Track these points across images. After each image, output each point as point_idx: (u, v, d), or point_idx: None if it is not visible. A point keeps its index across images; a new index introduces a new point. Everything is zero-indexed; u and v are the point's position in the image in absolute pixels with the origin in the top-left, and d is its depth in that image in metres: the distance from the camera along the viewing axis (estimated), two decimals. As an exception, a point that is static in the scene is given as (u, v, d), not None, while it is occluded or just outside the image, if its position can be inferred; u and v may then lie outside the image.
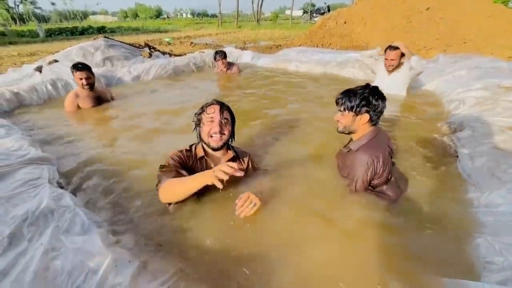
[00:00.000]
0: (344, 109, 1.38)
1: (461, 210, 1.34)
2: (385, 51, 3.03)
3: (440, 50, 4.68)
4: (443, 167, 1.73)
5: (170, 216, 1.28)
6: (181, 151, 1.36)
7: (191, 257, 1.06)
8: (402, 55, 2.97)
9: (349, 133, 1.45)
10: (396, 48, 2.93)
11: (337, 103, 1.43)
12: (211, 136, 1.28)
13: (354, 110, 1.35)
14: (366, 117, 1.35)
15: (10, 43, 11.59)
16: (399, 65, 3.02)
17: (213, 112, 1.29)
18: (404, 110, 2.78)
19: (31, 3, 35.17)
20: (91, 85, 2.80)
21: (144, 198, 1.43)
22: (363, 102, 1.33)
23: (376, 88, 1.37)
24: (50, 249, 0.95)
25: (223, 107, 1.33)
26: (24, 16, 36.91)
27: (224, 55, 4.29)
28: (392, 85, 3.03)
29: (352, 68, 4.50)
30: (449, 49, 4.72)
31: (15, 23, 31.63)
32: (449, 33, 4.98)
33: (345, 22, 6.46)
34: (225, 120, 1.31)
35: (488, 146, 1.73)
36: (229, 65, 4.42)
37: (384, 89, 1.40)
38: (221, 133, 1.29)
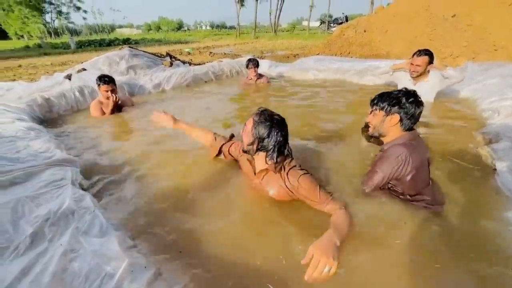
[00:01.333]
0: (376, 108, 1.36)
1: (503, 230, 1.20)
2: (413, 56, 2.90)
3: (468, 58, 4.45)
4: (480, 180, 1.59)
5: (192, 223, 1.26)
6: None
7: (211, 269, 1.02)
8: (430, 63, 2.82)
9: (379, 136, 1.40)
10: (425, 54, 2.78)
11: (371, 104, 1.41)
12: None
13: (384, 109, 1.32)
14: (396, 118, 1.30)
15: (45, 54, 12.54)
16: (425, 73, 2.88)
17: (245, 125, 1.36)
18: (434, 117, 2.63)
19: (65, 18, 38.10)
20: (116, 97, 2.96)
21: (164, 203, 1.42)
22: (394, 101, 1.30)
23: (412, 92, 1.33)
24: (69, 250, 0.95)
25: (252, 116, 1.32)
26: (58, 30, 40.02)
27: (256, 63, 4.12)
28: (419, 93, 2.90)
29: (372, 76, 4.38)
30: (478, 56, 4.47)
31: (51, 36, 34.34)
32: (477, 40, 4.73)
33: (364, 31, 6.36)
34: (244, 128, 1.35)
35: (531, 158, 1.57)
36: (259, 76, 4.25)
37: None
38: (242, 139, 1.36)
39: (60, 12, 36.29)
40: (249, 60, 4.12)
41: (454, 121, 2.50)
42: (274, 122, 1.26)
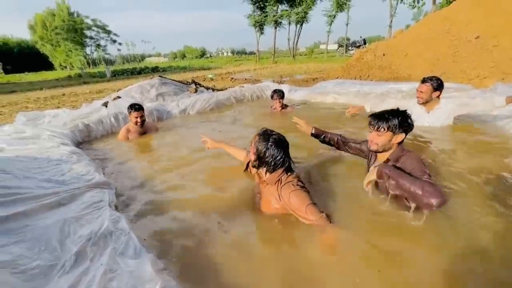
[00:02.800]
0: (383, 129, 1.49)
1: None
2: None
3: (497, 79, 4.28)
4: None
5: (219, 247, 1.30)
6: None
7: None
8: (435, 90, 2.75)
9: (382, 151, 1.56)
10: (429, 81, 2.74)
11: (371, 125, 1.54)
12: None
13: (392, 130, 1.48)
14: (402, 136, 1.51)
15: (84, 82, 13.93)
16: (434, 100, 2.81)
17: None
18: (458, 141, 2.53)
19: (103, 50, 42.43)
20: (143, 122, 3.26)
21: (191, 224, 1.48)
22: (402, 123, 1.48)
23: (405, 111, 1.54)
24: (108, 270, 1.03)
25: (254, 137, 1.51)
26: (96, 61, 44.49)
27: (282, 95, 4.04)
28: (435, 121, 2.84)
29: (393, 100, 4.33)
30: (508, 77, 4.29)
31: (89, 66, 38.20)
32: (506, 60, 4.57)
33: (384, 55, 6.41)
34: (251, 150, 1.51)
35: None
36: (284, 106, 4.13)
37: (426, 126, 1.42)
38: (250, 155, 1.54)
39: (99, 45, 40.59)
40: (275, 91, 4.09)
41: (482, 145, 2.39)
42: (271, 141, 1.42)
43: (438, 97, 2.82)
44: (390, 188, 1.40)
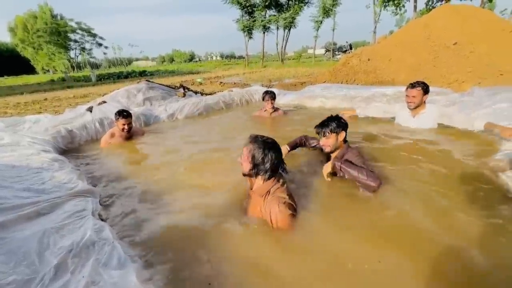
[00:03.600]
0: (328, 133, 1.90)
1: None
2: (407, 89, 2.98)
3: (473, 83, 4.50)
4: (498, 210, 1.54)
5: (207, 255, 1.28)
6: None
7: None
8: (425, 93, 2.88)
9: (335, 150, 1.96)
10: (419, 85, 2.85)
11: (319, 134, 1.95)
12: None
13: (334, 131, 1.90)
14: (343, 133, 1.94)
15: (68, 87, 13.50)
16: (421, 104, 2.93)
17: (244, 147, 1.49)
18: (442, 143, 2.62)
19: (88, 54, 41.40)
20: (130, 129, 3.18)
21: (178, 232, 1.45)
22: (338, 123, 1.91)
23: (338, 115, 1.99)
24: (90, 282, 0.99)
25: (247, 144, 1.47)
26: (81, 64, 43.34)
27: (273, 96, 4.00)
28: (420, 125, 2.96)
29: (378, 103, 4.46)
30: (484, 81, 4.53)
31: (73, 70, 37.14)
32: (482, 66, 4.82)
33: (368, 59, 6.61)
34: (244, 157, 1.46)
35: (549, 187, 1.53)
36: (275, 109, 4.08)
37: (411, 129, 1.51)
38: (241, 164, 1.49)
39: (83, 49, 39.59)
40: (266, 92, 4.06)
41: (462, 147, 2.48)
42: (267, 146, 1.42)
43: (424, 102, 2.94)
44: (346, 175, 1.78)
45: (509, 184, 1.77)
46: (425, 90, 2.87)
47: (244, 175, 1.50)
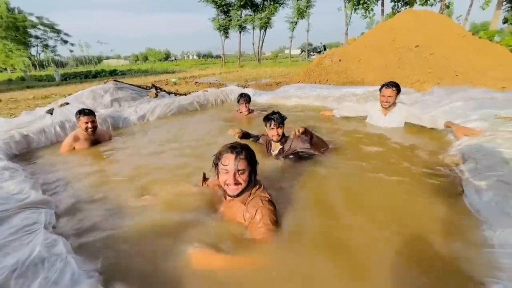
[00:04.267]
0: (281, 124, 2.29)
1: (474, 251, 1.25)
2: (381, 89, 3.13)
3: (433, 83, 4.86)
4: (450, 202, 1.67)
5: (173, 269, 1.21)
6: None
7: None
8: (399, 93, 3.06)
9: (283, 137, 2.34)
10: (393, 86, 3.02)
11: (276, 124, 2.26)
12: (227, 185, 1.33)
13: (283, 123, 2.30)
14: (283, 126, 2.32)
15: (28, 87, 12.42)
16: (393, 104, 3.10)
17: (227, 164, 1.30)
18: (404, 141, 2.78)
19: (52, 51, 38.44)
20: (94, 129, 2.96)
21: (141, 244, 1.37)
22: (284, 118, 2.31)
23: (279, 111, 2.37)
24: (35, 305, 0.90)
25: (239, 156, 1.30)
26: (44, 63, 40.12)
27: (248, 99, 4.04)
28: (390, 123, 3.12)
29: (349, 102, 4.64)
30: (442, 81, 4.90)
31: (35, 68, 34.28)
32: (440, 67, 5.21)
33: (340, 60, 6.86)
34: (241, 171, 1.30)
35: (494, 179, 1.68)
36: (251, 111, 4.12)
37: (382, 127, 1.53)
38: (236, 184, 1.31)
39: (46, 46, 36.66)
40: (241, 95, 4.05)
41: (423, 144, 2.65)
42: (252, 154, 1.38)
43: (395, 101, 3.10)
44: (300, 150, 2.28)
45: (461, 177, 1.92)
46: (399, 90, 3.05)
47: (235, 196, 1.34)
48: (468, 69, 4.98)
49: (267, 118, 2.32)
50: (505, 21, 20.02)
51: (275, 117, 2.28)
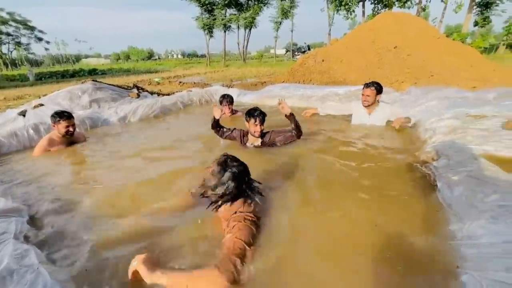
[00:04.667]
0: (263, 121, 2.49)
1: (445, 243, 1.32)
2: (363, 88, 3.24)
3: (411, 83, 5.07)
4: (425, 197, 1.75)
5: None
6: None
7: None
8: (378, 93, 3.16)
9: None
10: (372, 85, 3.12)
11: (260, 120, 2.46)
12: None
13: (265, 120, 2.52)
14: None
15: (-2, 87, 11.68)
16: (375, 103, 3.20)
17: (210, 168, 1.39)
18: (385, 139, 2.89)
19: (25, 49, 36.38)
20: (73, 132, 2.86)
21: (117, 253, 1.33)
22: (265, 114, 2.53)
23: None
24: (2, 320, 0.85)
25: (216, 163, 1.39)
26: (16, 61, 37.87)
27: (231, 100, 4.04)
28: (374, 121, 3.23)
29: (332, 102, 4.74)
30: (419, 82, 5.13)
31: (7, 67, 32.29)
32: (417, 68, 5.45)
33: (323, 60, 7.00)
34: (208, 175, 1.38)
35: (464, 174, 1.78)
36: (234, 111, 4.12)
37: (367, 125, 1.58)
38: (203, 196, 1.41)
39: (19, 43, 34.64)
40: (223, 96, 4.02)
41: (401, 142, 2.76)
42: (228, 174, 1.34)
43: (378, 101, 3.20)
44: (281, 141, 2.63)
45: (435, 173, 2.01)
46: (378, 90, 3.14)
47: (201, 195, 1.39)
48: (442, 70, 5.24)
49: (251, 115, 2.47)
50: (476, 24, 21.23)
51: (259, 114, 2.46)
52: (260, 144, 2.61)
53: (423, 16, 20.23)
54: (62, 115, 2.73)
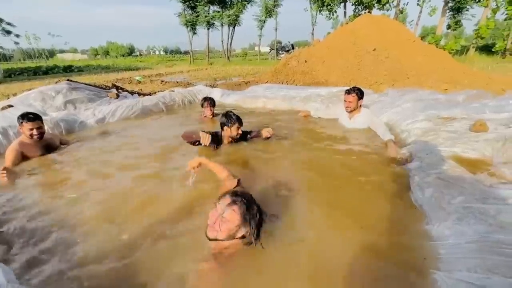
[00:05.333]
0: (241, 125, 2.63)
1: (416, 244, 1.40)
2: (345, 94, 3.31)
3: (388, 85, 5.29)
4: (399, 198, 1.84)
5: None
6: None
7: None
8: (360, 99, 3.25)
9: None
10: (354, 92, 3.20)
11: (240, 124, 2.60)
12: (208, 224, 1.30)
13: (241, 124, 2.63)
14: None
15: (-39, 85, 10.77)
16: (357, 108, 3.30)
17: (219, 205, 1.31)
18: (363, 141, 2.99)
19: (-9, 42, 33.75)
20: (42, 135, 2.65)
21: (92, 270, 1.29)
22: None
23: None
24: None
25: (233, 204, 1.27)
26: (-19, 56, 35.10)
27: (213, 103, 4.03)
28: (354, 126, 3.34)
29: (314, 103, 4.83)
30: (396, 83, 5.35)
31: (-30, 63, 29.85)
32: (394, 70, 5.68)
33: (305, 61, 7.10)
34: (225, 220, 1.25)
35: (434, 176, 1.89)
36: (215, 114, 4.08)
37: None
38: (214, 229, 1.26)
39: (-17, 37, 32.03)
40: (205, 99, 4.01)
41: (380, 144, 2.87)
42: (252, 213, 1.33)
43: (360, 106, 3.29)
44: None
45: (408, 175, 2.12)
46: (360, 96, 3.23)
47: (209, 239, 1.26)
48: (417, 72, 5.50)
49: (236, 121, 2.57)
50: (449, 27, 22.47)
51: (239, 118, 2.59)
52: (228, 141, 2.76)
53: (400, 18, 21.06)
54: (25, 117, 2.53)
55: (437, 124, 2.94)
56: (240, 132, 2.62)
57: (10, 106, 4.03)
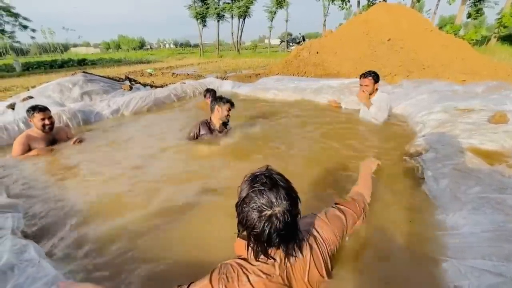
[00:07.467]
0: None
1: (429, 233, 1.40)
2: (360, 78, 3.23)
3: (403, 76, 5.13)
4: (412, 189, 1.83)
5: (148, 271, 1.23)
6: None
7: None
8: (376, 82, 3.16)
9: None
10: (370, 75, 3.10)
11: (232, 107, 2.72)
12: None
13: None
14: None
15: (-17, 78, 11.26)
16: (374, 92, 3.20)
17: None
18: (376, 131, 2.95)
19: (10, 37, 34.86)
20: (52, 125, 2.69)
21: (114, 246, 1.36)
22: None
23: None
24: (7, 313, 0.88)
25: None
26: (1, 51, 36.36)
27: (214, 94, 4.12)
28: (375, 114, 3.22)
29: (326, 94, 4.77)
30: (411, 74, 5.19)
31: (-9, 57, 30.97)
32: (409, 61, 5.50)
33: (317, 52, 6.97)
34: None
35: (450, 167, 1.86)
36: None
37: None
38: None
39: (2, 31, 33.13)
40: (207, 90, 4.24)
41: (392, 135, 2.83)
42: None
43: (377, 89, 3.20)
44: None
45: (422, 166, 2.09)
46: (376, 79, 3.13)
47: None
48: (434, 63, 5.31)
49: (227, 102, 2.72)
50: (469, 15, 21.32)
51: (230, 100, 2.73)
52: (223, 127, 2.87)
53: (417, 7, 20.18)
54: (36, 108, 2.58)
55: (453, 115, 2.85)
56: (229, 114, 2.76)
57: (31, 97, 4.20)
